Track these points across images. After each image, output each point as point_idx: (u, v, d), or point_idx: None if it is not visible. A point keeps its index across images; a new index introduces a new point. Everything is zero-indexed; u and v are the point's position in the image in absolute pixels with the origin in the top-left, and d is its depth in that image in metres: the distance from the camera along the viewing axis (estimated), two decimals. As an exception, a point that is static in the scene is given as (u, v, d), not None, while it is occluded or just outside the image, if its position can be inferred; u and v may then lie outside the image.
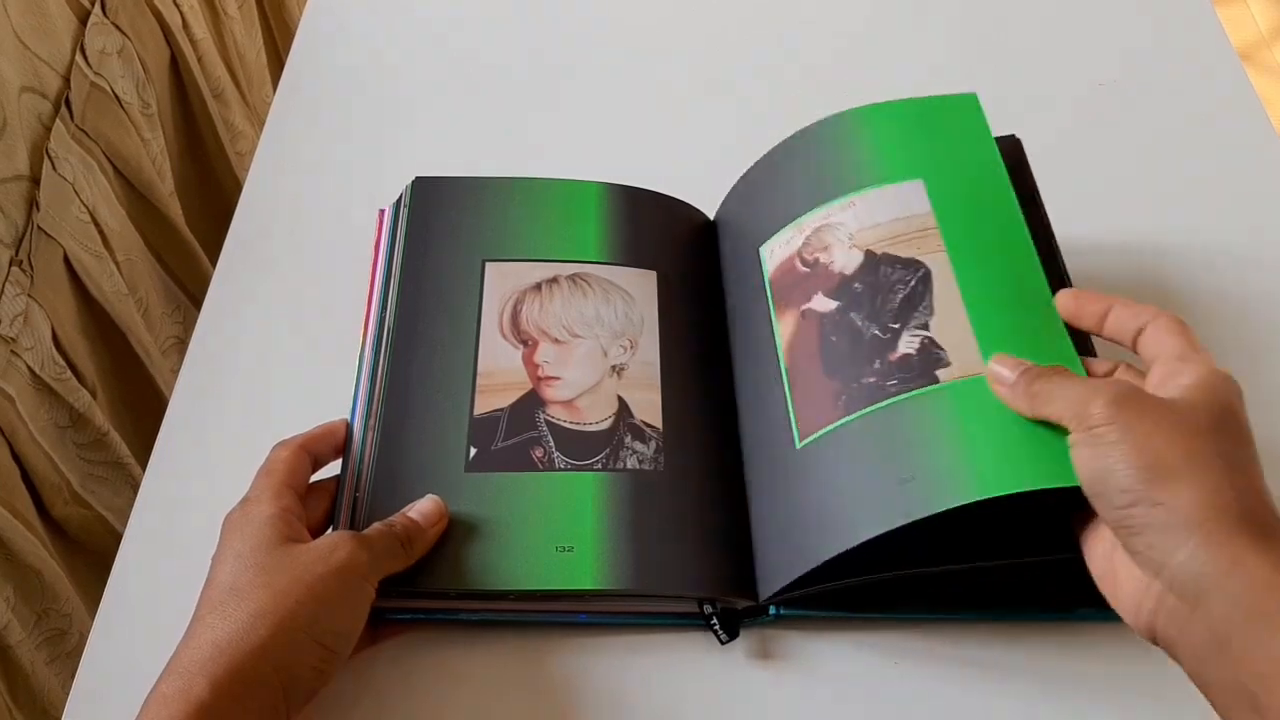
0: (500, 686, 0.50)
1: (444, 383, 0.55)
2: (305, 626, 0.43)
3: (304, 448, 0.50)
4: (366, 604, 0.46)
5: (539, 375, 0.55)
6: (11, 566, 0.69)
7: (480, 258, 0.59)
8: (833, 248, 0.55)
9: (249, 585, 0.43)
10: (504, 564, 0.49)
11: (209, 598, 0.44)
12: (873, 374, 0.50)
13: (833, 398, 0.51)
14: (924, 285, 0.52)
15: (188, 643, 0.42)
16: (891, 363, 0.50)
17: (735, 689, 0.50)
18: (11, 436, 0.69)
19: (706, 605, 0.49)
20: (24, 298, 0.70)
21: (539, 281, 0.58)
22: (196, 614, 0.43)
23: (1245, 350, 0.61)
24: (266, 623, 0.42)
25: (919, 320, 0.51)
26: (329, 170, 0.72)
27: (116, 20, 0.81)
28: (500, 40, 0.80)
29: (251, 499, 0.47)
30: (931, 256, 0.53)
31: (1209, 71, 0.76)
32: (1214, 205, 0.68)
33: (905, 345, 0.51)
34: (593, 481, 0.52)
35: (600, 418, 0.54)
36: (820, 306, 0.54)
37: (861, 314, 0.52)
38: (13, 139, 0.70)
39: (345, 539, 0.46)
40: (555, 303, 0.58)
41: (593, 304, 0.57)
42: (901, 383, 0.49)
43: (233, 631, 0.41)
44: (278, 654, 0.42)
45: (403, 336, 0.56)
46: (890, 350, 0.51)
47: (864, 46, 0.79)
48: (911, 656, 0.50)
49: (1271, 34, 1.97)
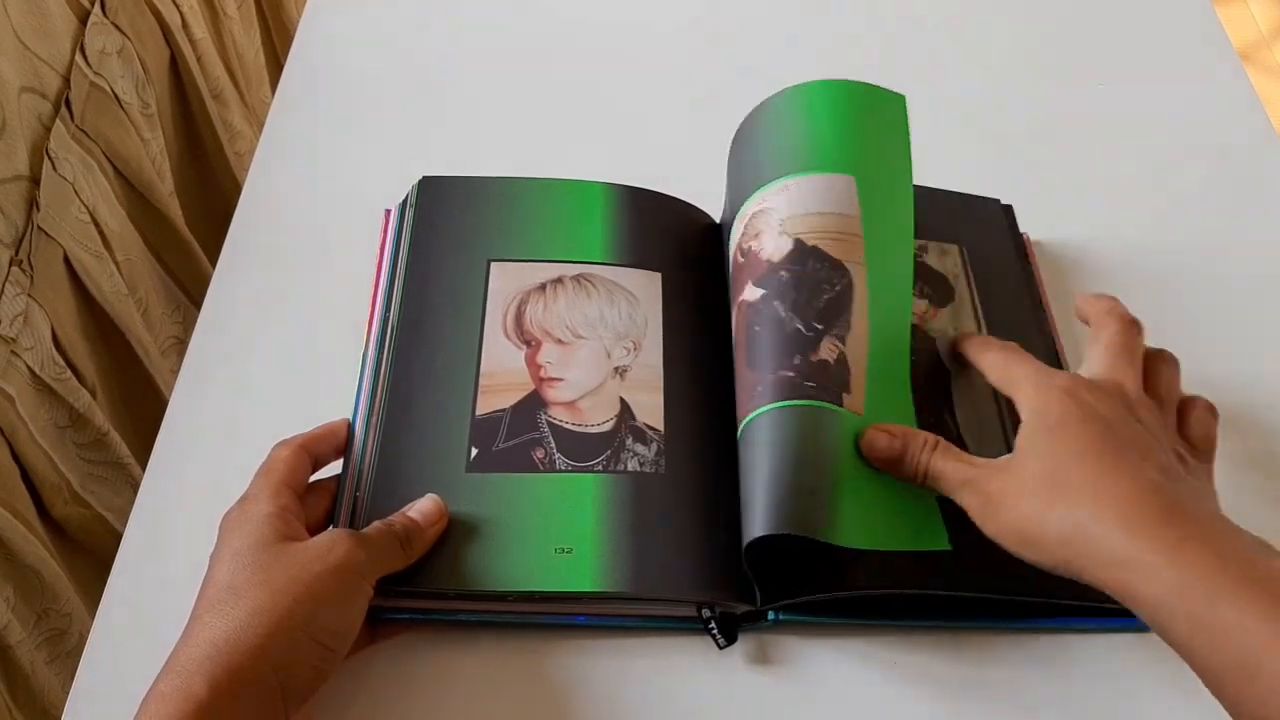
0: (498, 688, 0.50)
1: (446, 382, 0.55)
2: (303, 625, 0.43)
3: (304, 447, 0.50)
4: (364, 602, 0.46)
5: (541, 376, 0.55)
6: (11, 566, 0.69)
7: (485, 257, 0.59)
8: (763, 234, 0.54)
9: (246, 584, 0.43)
10: (503, 565, 0.49)
11: (207, 596, 0.44)
12: (792, 369, 0.50)
13: (751, 389, 0.51)
14: (847, 295, 0.52)
15: (186, 641, 0.42)
16: (812, 363, 0.50)
17: (733, 694, 0.50)
18: (11, 436, 0.69)
19: (705, 609, 0.49)
20: (24, 298, 0.70)
21: (543, 282, 0.58)
22: (194, 613, 0.43)
23: (1246, 350, 0.61)
24: (264, 621, 0.42)
25: (838, 331, 0.51)
26: (328, 170, 0.72)
27: (116, 20, 0.81)
28: (502, 41, 0.80)
29: (250, 498, 0.47)
30: (854, 267, 0.52)
31: (1209, 71, 0.76)
32: (1214, 205, 0.68)
33: (825, 350, 0.50)
34: (593, 483, 0.52)
35: (602, 419, 0.54)
36: (749, 296, 0.53)
37: (785, 305, 0.51)
38: (12, 139, 0.70)
39: (343, 537, 0.46)
40: (559, 303, 0.58)
41: (597, 305, 0.57)
42: (818, 388, 0.49)
43: (230, 630, 0.41)
44: (275, 653, 0.42)
45: (406, 335, 0.56)
46: (812, 350, 0.50)
47: (865, 45, 0.79)
48: (910, 663, 0.50)
49: (1271, 34, 1.97)
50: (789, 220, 0.53)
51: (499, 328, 0.57)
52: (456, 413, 0.54)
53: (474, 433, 0.53)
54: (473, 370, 0.55)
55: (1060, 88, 0.75)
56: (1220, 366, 0.60)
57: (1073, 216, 0.67)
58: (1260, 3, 2.02)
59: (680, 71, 0.78)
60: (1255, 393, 0.60)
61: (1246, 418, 0.58)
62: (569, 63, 0.79)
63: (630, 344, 0.56)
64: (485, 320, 0.57)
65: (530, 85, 0.77)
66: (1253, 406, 0.59)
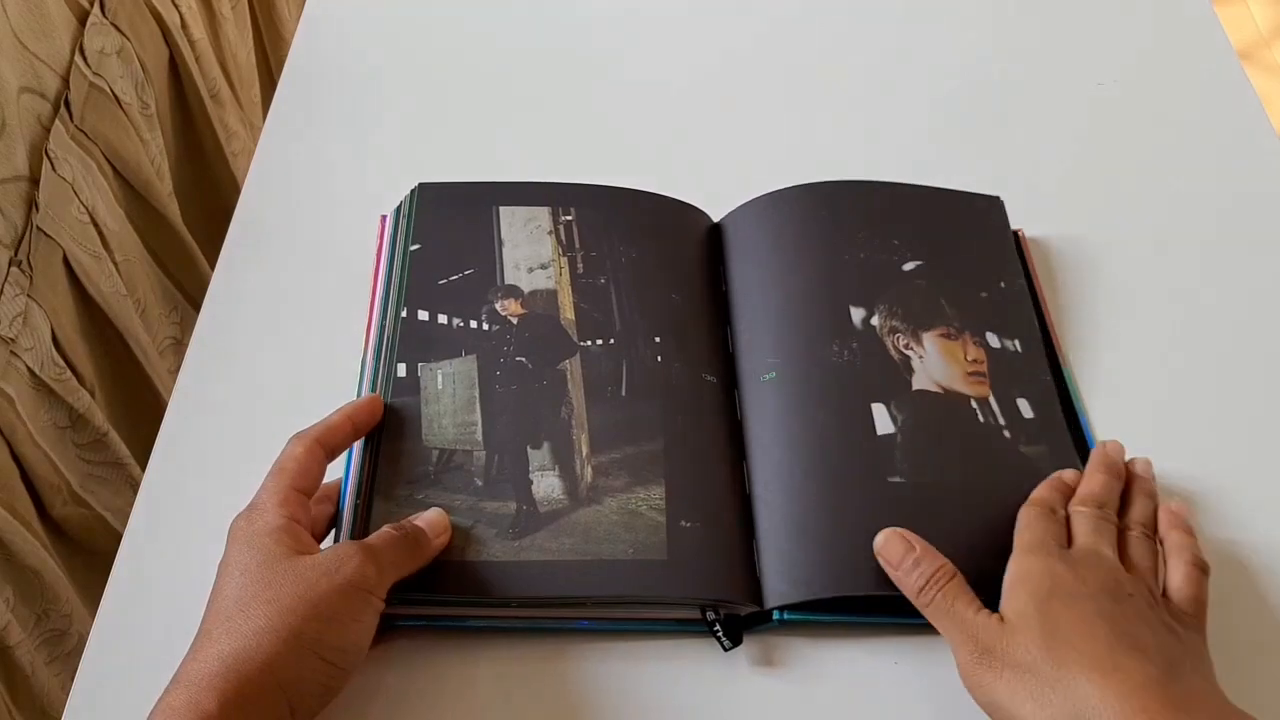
0: (502, 693, 0.49)
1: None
2: (311, 643, 0.43)
3: (319, 441, 0.49)
4: (374, 618, 0.45)
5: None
6: (11, 567, 0.69)
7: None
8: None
9: (254, 600, 0.43)
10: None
11: (216, 610, 0.44)
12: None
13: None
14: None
15: (195, 655, 0.42)
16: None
17: (738, 696, 0.49)
18: (11, 437, 0.69)
19: (710, 612, 0.49)
20: (23, 298, 0.70)
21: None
22: (203, 627, 0.43)
23: (1246, 350, 0.61)
24: (271, 639, 0.42)
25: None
26: (327, 171, 0.72)
27: (115, 20, 0.81)
28: (501, 43, 0.80)
29: (258, 506, 0.47)
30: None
31: (1209, 71, 0.76)
32: (1214, 205, 0.68)
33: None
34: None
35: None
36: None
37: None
38: (12, 139, 0.70)
39: (352, 552, 0.45)
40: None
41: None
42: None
43: (238, 647, 0.41)
44: (283, 670, 0.42)
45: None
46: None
47: (865, 48, 0.79)
48: (914, 662, 0.50)
49: (1271, 34, 1.97)
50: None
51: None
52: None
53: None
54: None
55: (1060, 87, 0.75)
56: (1219, 367, 0.60)
57: (1072, 216, 0.67)
58: (1260, 3, 2.02)
59: (680, 73, 0.78)
60: (1257, 392, 0.60)
61: (1247, 417, 0.58)
62: (568, 65, 0.78)
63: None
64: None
65: (530, 86, 0.77)
66: (1255, 407, 0.59)
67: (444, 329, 0.57)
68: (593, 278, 0.59)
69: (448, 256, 0.59)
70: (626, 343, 0.57)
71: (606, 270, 0.59)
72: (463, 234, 0.60)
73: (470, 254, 0.60)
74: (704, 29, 0.81)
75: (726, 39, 0.80)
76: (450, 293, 0.58)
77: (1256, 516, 0.54)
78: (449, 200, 0.62)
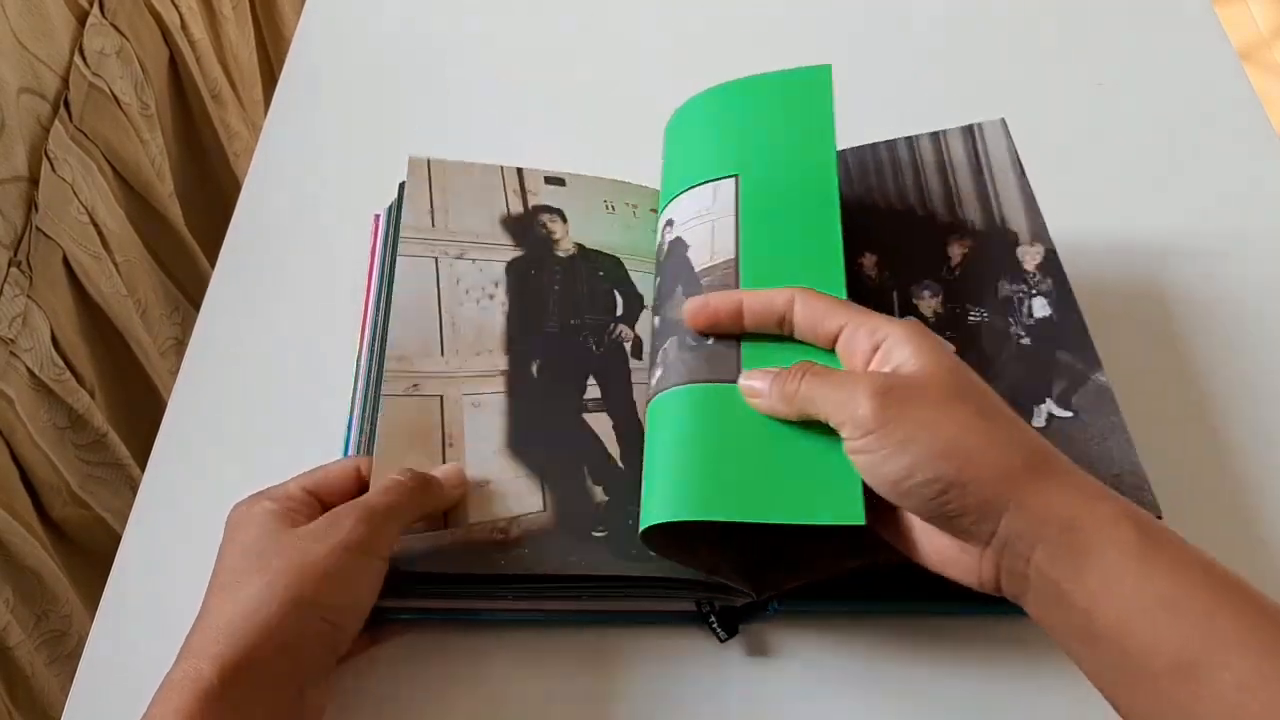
0: (497, 685, 0.50)
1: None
2: (310, 605, 0.43)
3: (361, 470, 0.49)
4: (375, 577, 0.45)
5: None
6: (11, 568, 0.69)
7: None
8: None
9: (250, 569, 0.44)
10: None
11: (215, 584, 0.44)
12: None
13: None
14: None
15: (195, 628, 0.43)
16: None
17: (734, 687, 0.50)
18: (10, 438, 0.69)
19: (705, 603, 0.49)
20: (23, 299, 0.70)
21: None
22: (204, 601, 0.44)
23: (1245, 350, 0.61)
24: (268, 603, 0.42)
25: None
26: (328, 171, 0.72)
27: (115, 21, 0.81)
28: (500, 42, 0.80)
29: (261, 493, 0.48)
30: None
31: (1209, 71, 0.76)
32: (1214, 205, 0.68)
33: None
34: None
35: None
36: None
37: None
38: (11, 140, 0.70)
39: (345, 514, 0.45)
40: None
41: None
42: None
43: (236, 614, 0.42)
44: (283, 634, 0.42)
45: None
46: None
47: (864, 44, 0.79)
48: (912, 651, 0.50)
49: (1271, 34, 1.97)
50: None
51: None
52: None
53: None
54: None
55: (1060, 88, 0.75)
56: (1219, 367, 0.60)
57: (1072, 216, 0.67)
58: (1260, 3, 2.02)
59: (678, 73, 0.78)
60: (1256, 391, 0.60)
61: (1247, 417, 0.58)
62: (569, 65, 0.78)
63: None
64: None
65: (530, 86, 0.77)
66: (1254, 405, 0.59)
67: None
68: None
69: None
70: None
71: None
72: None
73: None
74: (705, 29, 0.81)
75: (728, 38, 0.80)
76: None
77: (1258, 516, 0.54)
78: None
